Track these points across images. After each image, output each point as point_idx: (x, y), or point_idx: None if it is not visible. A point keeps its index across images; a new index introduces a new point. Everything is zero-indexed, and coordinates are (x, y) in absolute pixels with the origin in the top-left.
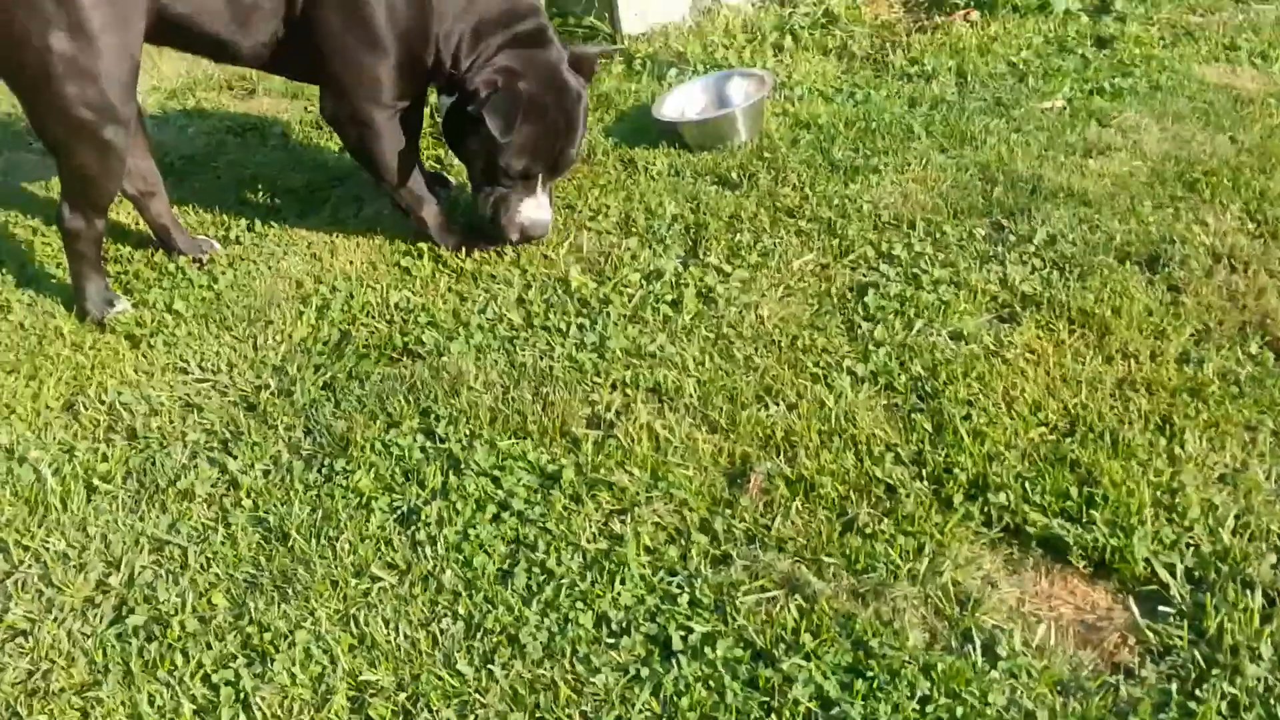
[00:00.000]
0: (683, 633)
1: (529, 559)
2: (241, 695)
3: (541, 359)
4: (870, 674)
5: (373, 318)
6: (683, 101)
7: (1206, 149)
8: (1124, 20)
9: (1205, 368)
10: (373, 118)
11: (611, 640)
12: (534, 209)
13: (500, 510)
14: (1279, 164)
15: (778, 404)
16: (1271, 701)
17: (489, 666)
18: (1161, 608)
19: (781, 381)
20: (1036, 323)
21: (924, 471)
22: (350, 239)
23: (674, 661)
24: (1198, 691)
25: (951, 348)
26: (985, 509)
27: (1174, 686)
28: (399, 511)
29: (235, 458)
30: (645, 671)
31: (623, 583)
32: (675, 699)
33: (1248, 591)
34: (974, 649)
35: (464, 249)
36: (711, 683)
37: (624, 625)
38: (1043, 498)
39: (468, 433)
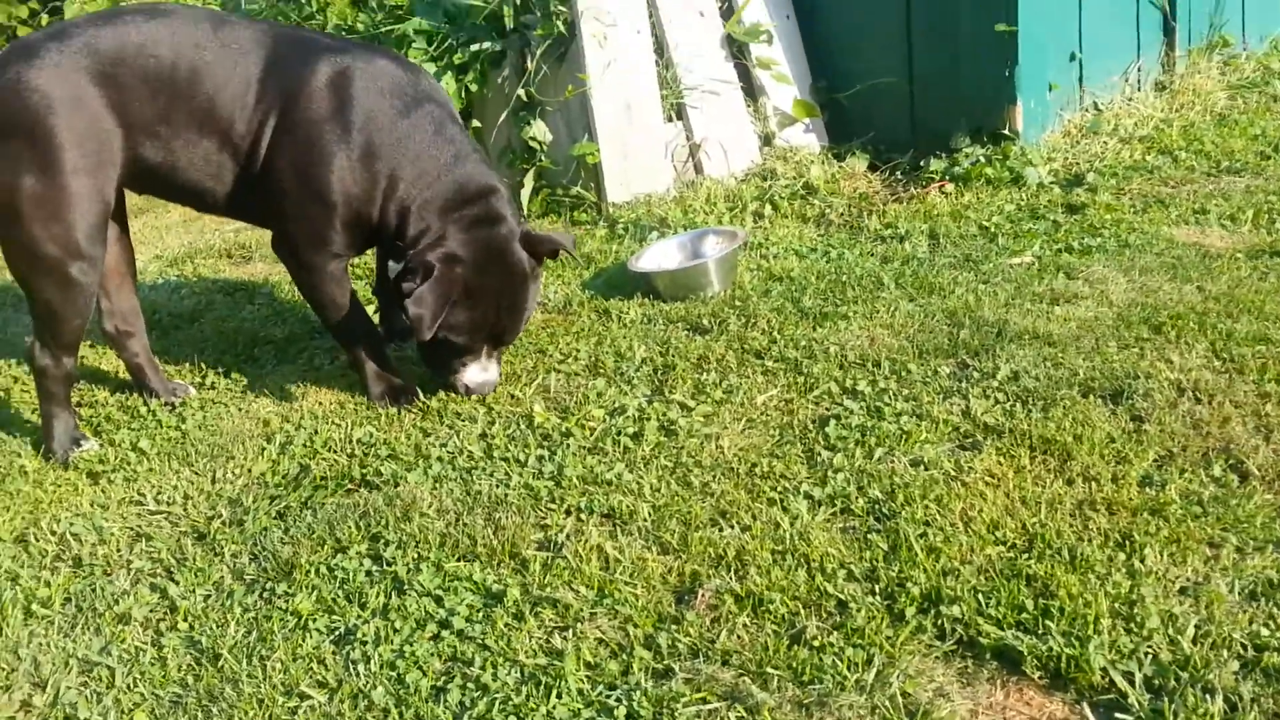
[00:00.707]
0: None
1: (464, 675)
2: None
3: (497, 487)
4: None
5: (334, 452)
6: (659, 256)
7: (1173, 297)
8: (1095, 190)
9: (1167, 489)
10: (315, 263)
11: None
12: (479, 373)
13: (440, 629)
14: (1246, 309)
15: (731, 526)
16: None
17: None
18: (1119, 715)
19: (737, 505)
20: (997, 449)
21: (877, 587)
22: (322, 383)
23: None
24: None
25: (911, 473)
26: (938, 622)
27: None
28: (336, 632)
29: (177, 583)
30: None
31: (559, 696)
32: None
33: (1208, 697)
34: None
35: (387, 400)
36: None
37: None
38: (998, 610)
39: (415, 556)
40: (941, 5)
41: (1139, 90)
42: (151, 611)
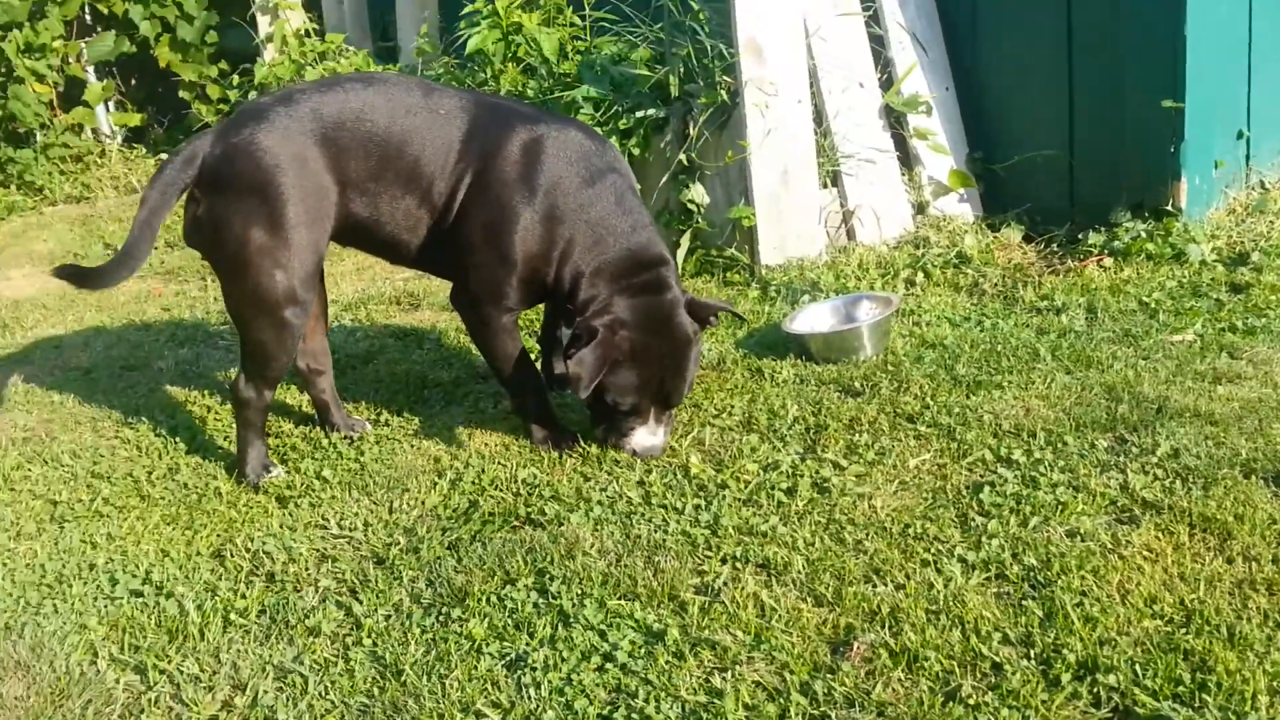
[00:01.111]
0: None
1: (629, 705)
2: None
3: (656, 532)
4: None
5: (500, 490)
6: (812, 319)
7: None
8: (1260, 270)
9: None
10: (490, 316)
11: None
12: (647, 436)
13: (604, 661)
14: None
15: (885, 583)
16: None
17: None
18: None
19: (891, 564)
20: (1156, 525)
21: (1032, 652)
22: (487, 426)
23: None
24: None
25: (1067, 543)
26: (1094, 689)
27: None
28: (508, 657)
29: (361, 602)
30: None
31: None
32: None
33: None
34: None
35: (549, 444)
36: None
37: None
38: (1154, 681)
39: (579, 592)
40: (1106, 80)
41: None
42: (339, 627)
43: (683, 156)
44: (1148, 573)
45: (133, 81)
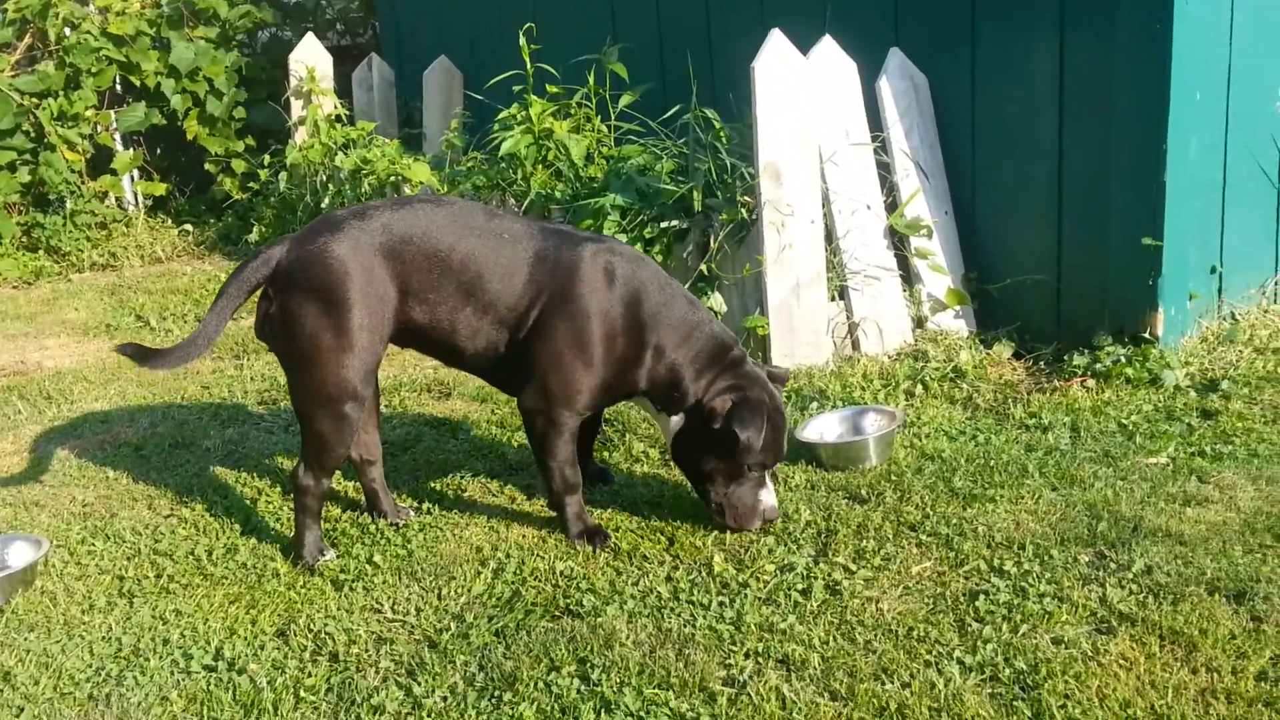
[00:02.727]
0: None
1: None
2: None
3: (685, 626)
4: None
5: (540, 581)
6: (821, 427)
7: None
8: (1229, 398)
9: None
10: (562, 419)
11: None
12: (769, 496)
13: None
14: None
15: (893, 681)
16: None
17: None
18: None
19: (897, 664)
20: (1131, 636)
21: None
22: (524, 517)
23: None
24: None
25: (1052, 649)
26: None
27: None
28: None
29: (419, 684)
30: None
31: None
32: None
33: None
34: None
35: (584, 539)
36: None
37: None
38: None
39: (618, 680)
40: (1092, 215)
41: (1275, 303)
42: (400, 705)
43: (703, 267)
44: (1123, 679)
45: (158, 150)
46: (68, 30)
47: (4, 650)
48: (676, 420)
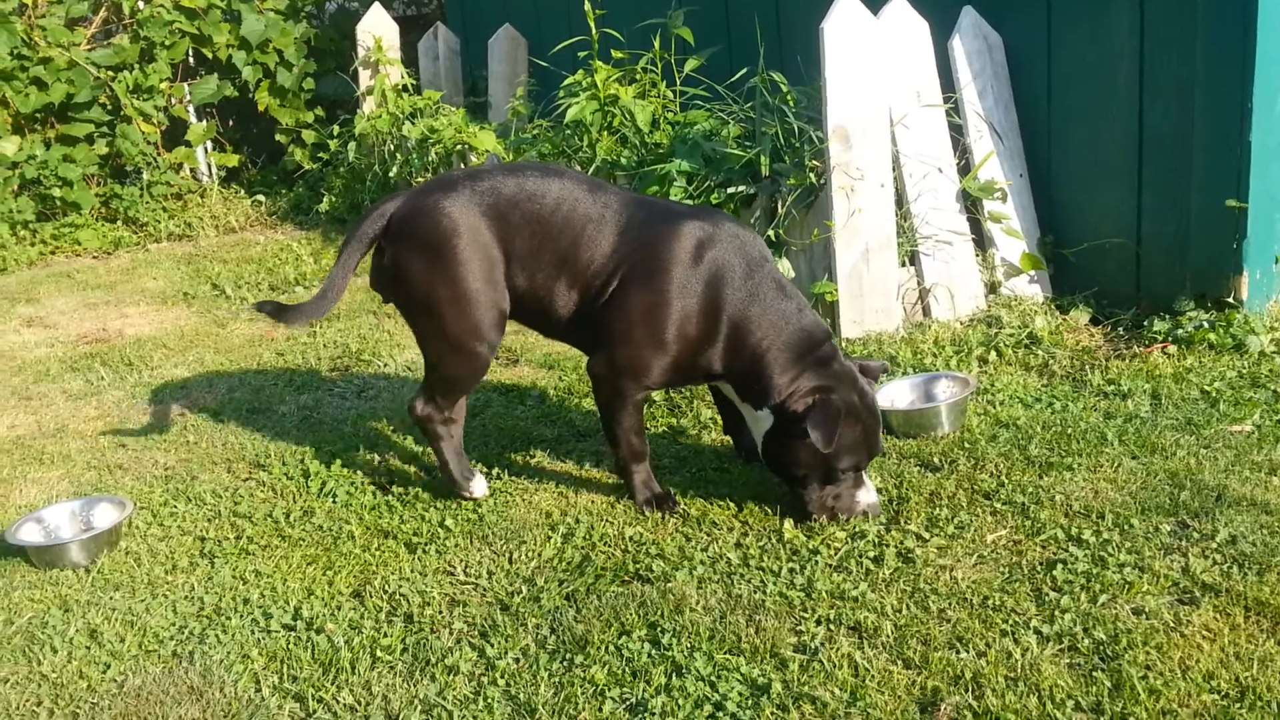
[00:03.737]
0: None
1: None
2: None
3: (755, 592)
4: None
5: (610, 546)
6: (892, 395)
7: None
8: None
9: None
10: (628, 390)
11: None
12: (866, 494)
13: (715, 710)
14: None
15: (968, 650)
16: None
17: None
18: None
19: (972, 633)
20: (1214, 607)
21: (1101, 719)
22: (592, 483)
23: None
24: None
25: (1133, 620)
26: None
27: None
28: (628, 702)
29: (492, 645)
30: None
31: None
32: None
33: None
34: None
35: (652, 505)
36: None
37: None
38: None
39: (689, 645)
40: (1174, 176)
41: None
42: (474, 666)
43: (771, 232)
44: (1206, 651)
45: (230, 122)
46: (141, 4)
47: (91, 608)
48: (764, 417)
